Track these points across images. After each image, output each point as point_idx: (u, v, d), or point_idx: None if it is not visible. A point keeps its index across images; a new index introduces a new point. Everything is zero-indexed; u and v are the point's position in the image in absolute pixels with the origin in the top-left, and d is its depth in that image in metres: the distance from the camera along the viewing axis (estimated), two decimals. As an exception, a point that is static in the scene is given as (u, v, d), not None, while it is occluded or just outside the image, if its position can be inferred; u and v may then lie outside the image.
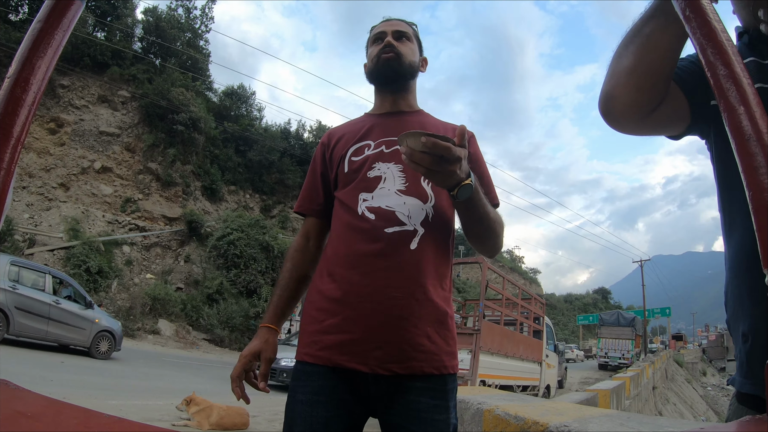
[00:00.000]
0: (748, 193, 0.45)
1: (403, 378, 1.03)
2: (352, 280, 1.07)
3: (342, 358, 1.03)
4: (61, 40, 0.49)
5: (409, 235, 1.09)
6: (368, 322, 1.03)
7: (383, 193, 1.13)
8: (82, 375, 6.79)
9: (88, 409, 0.37)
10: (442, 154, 0.87)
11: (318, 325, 1.09)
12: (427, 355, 1.05)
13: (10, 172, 0.45)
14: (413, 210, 1.11)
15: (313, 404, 1.04)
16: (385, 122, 1.25)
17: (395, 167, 1.15)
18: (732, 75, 0.47)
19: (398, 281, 1.05)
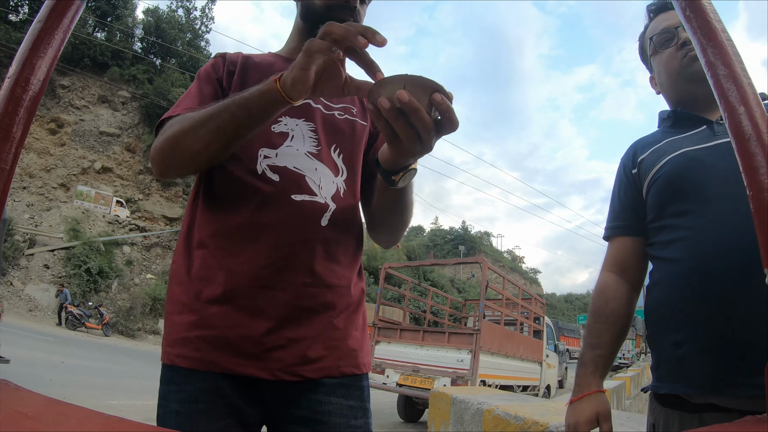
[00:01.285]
0: (748, 193, 0.45)
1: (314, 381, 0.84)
2: (244, 256, 0.82)
3: (232, 362, 0.79)
4: (61, 40, 0.49)
5: (320, 209, 0.87)
6: (270, 315, 0.81)
7: (290, 151, 0.89)
8: (82, 375, 6.79)
9: (88, 409, 0.37)
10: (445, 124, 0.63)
11: (194, 315, 0.82)
12: (343, 352, 0.87)
13: (10, 172, 0.45)
14: (324, 180, 0.90)
15: (191, 415, 0.79)
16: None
17: (305, 125, 0.92)
18: (732, 75, 0.47)
19: (307, 263, 0.84)
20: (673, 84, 1.07)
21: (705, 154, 0.93)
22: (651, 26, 1.11)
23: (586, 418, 0.94)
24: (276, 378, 0.80)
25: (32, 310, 14.51)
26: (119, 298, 16.40)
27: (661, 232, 0.98)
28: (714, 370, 0.83)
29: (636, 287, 1.07)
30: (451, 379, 6.64)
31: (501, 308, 8.86)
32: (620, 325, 1.04)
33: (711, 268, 0.84)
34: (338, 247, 0.89)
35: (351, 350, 0.89)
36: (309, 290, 0.84)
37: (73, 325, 13.19)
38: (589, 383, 0.99)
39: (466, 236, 61.47)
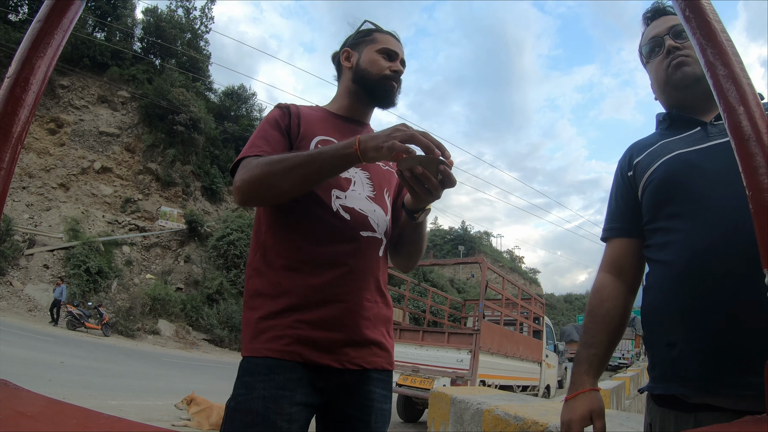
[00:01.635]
0: (748, 193, 0.45)
1: (366, 372, 1.09)
2: (325, 277, 1.05)
3: (314, 354, 1.03)
4: (61, 40, 0.49)
5: (378, 243, 1.14)
6: (343, 321, 1.06)
7: (355, 195, 1.13)
8: (82, 375, 6.79)
9: (88, 409, 0.37)
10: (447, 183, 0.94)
11: (282, 319, 1.04)
12: (384, 352, 1.14)
13: (10, 171, 0.45)
14: (380, 219, 1.16)
15: (278, 399, 0.99)
16: (348, 126, 1.23)
17: (362, 173, 1.17)
18: (732, 75, 0.47)
19: (368, 284, 1.10)
20: (663, 91, 1.09)
21: (698, 156, 0.94)
22: (644, 35, 1.13)
23: (579, 415, 0.96)
24: (344, 367, 1.05)
25: (32, 310, 14.49)
26: (119, 298, 16.39)
27: (655, 235, 0.99)
28: (707, 370, 0.84)
29: (632, 288, 1.10)
30: (450, 379, 6.64)
31: (500, 308, 8.86)
32: (615, 324, 1.06)
33: (702, 270, 0.86)
34: (383, 272, 1.17)
35: (388, 351, 1.15)
36: (368, 304, 1.10)
37: (72, 325, 13.16)
38: (583, 381, 1.00)
39: (466, 236, 61.46)
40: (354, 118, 1.26)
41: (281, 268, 1.07)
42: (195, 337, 16.90)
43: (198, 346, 16.19)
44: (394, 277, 9.38)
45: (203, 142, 22.88)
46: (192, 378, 8.93)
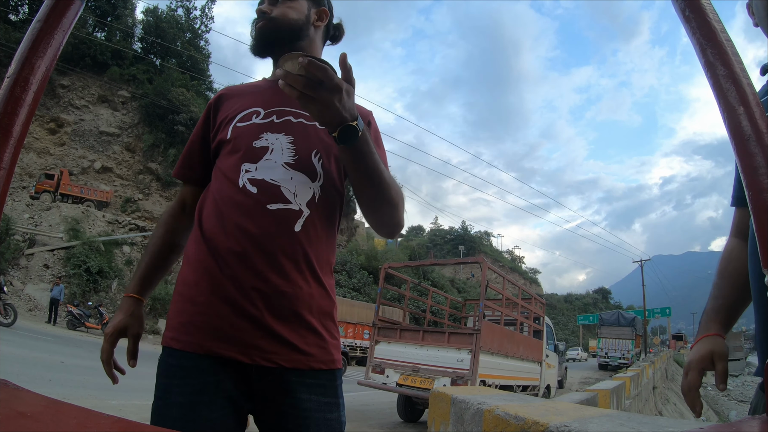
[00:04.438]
0: (747, 194, 0.45)
1: (290, 373, 0.93)
2: (221, 254, 0.93)
3: (217, 345, 0.90)
4: (61, 40, 0.49)
5: (294, 215, 0.96)
6: (249, 309, 0.90)
7: (269, 164, 1.00)
8: (82, 375, 6.79)
9: (88, 409, 0.37)
10: (319, 76, 0.77)
11: (189, 304, 0.94)
12: (315, 348, 0.96)
13: (10, 171, 0.45)
14: (300, 187, 0.99)
15: (195, 405, 0.88)
16: (276, 90, 1.05)
17: (285, 138, 1.03)
18: (732, 75, 0.47)
19: (280, 266, 0.93)
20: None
21: None
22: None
23: (700, 356, 0.98)
24: (254, 362, 0.90)
25: (32, 309, 14.50)
26: (119, 297, 16.38)
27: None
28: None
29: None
30: (451, 379, 6.64)
31: (501, 308, 8.86)
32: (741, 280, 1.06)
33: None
34: (312, 249, 0.97)
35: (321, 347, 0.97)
36: (282, 289, 0.92)
37: (72, 325, 13.17)
38: (708, 327, 1.03)
39: (466, 236, 61.43)
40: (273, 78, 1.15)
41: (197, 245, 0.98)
42: (195, 337, 16.91)
43: (198, 346, 16.19)
44: (393, 277, 9.37)
45: (203, 141, 22.87)
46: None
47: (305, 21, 1.15)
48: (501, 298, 9.10)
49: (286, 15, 1.12)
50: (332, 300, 1.02)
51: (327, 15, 1.21)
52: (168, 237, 1.13)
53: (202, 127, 1.13)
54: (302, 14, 1.14)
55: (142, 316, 1.08)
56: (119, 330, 1.04)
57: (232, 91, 1.16)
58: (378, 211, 1.02)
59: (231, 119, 1.07)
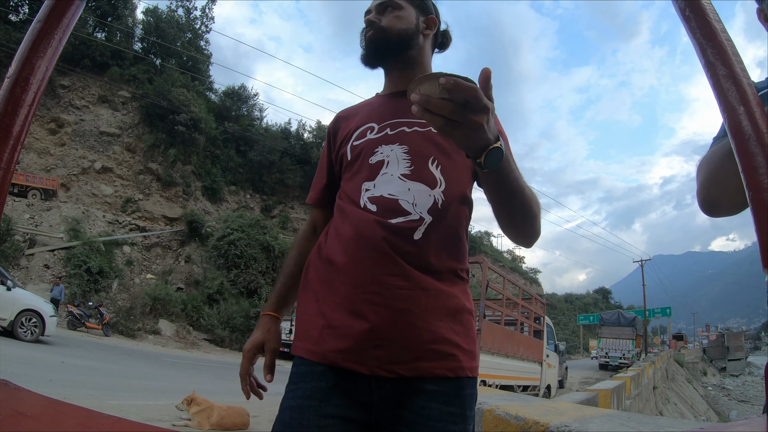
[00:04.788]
0: (748, 194, 0.45)
1: (411, 381, 0.90)
2: (348, 267, 0.95)
3: (337, 356, 0.90)
4: (61, 40, 0.49)
5: (415, 225, 0.96)
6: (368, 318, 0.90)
7: (385, 179, 1.01)
8: (82, 375, 6.79)
9: (88, 409, 0.37)
10: (465, 98, 0.69)
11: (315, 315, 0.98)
12: (438, 354, 0.91)
13: (10, 171, 0.45)
14: (419, 196, 0.98)
15: (303, 409, 0.90)
16: (390, 101, 1.12)
17: (399, 149, 1.02)
18: (732, 75, 0.47)
19: (402, 274, 0.92)
20: None
21: None
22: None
23: None
24: (372, 373, 0.89)
25: (32, 310, 14.50)
26: (119, 298, 16.39)
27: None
28: None
29: None
30: (451, 379, 6.61)
31: (501, 308, 8.86)
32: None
33: None
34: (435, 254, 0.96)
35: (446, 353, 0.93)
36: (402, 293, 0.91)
37: (73, 325, 13.18)
38: None
39: (466, 236, 61.14)
40: (396, 91, 1.15)
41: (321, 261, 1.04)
42: (195, 337, 16.91)
43: (198, 346, 16.20)
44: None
45: (204, 142, 22.90)
46: (192, 378, 8.93)
47: (415, 30, 1.15)
48: (501, 298, 9.10)
49: (395, 25, 1.12)
50: (462, 304, 0.99)
51: (435, 23, 1.20)
52: (300, 259, 1.16)
53: (326, 152, 1.17)
54: (411, 23, 1.14)
55: (279, 332, 1.11)
56: (257, 345, 1.07)
57: (347, 112, 1.19)
58: (520, 226, 0.98)
59: (348, 139, 1.10)
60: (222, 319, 17.35)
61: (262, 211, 25.35)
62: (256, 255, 19.65)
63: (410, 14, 1.15)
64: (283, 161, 26.15)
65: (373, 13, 1.14)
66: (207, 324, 17.16)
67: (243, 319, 17.56)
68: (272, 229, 21.45)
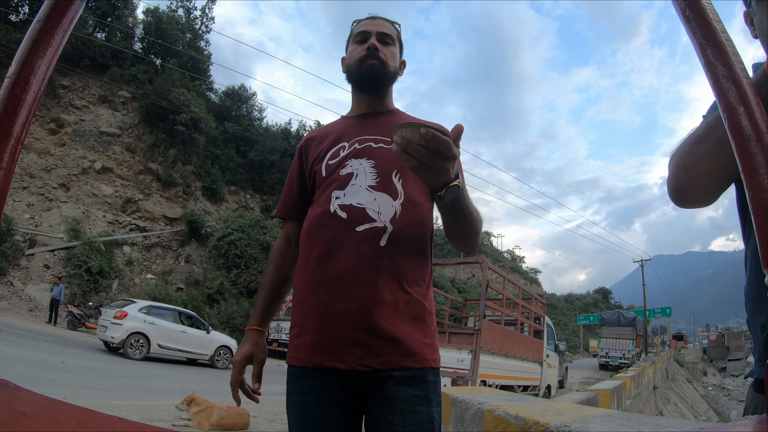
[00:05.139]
0: (748, 194, 0.45)
1: (382, 371, 1.04)
2: (319, 279, 1.08)
3: (320, 358, 1.05)
4: (61, 40, 0.49)
5: (379, 232, 1.08)
6: (340, 320, 1.04)
7: (354, 189, 1.13)
8: (82, 375, 6.79)
9: (88, 409, 0.37)
10: (439, 148, 0.81)
11: (298, 327, 1.11)
12: (403, 348, 1.05)
13: (10, 171, 0.45)
14: (383, 206, 1.11)
15: (304, 404, 1.06)
16: (360, 123, 1.25)
17: (367, 163, 1.16)
18: (732, 75, 0.47)
19: (367, 277, 1.05)
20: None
21: None
22: None
23: None
24: (351, 368, 1.03)
25: (32, 310, 14.50)
26: (119, 298, 16.37)
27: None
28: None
29: None
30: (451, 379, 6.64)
31: (501, 308, 8.85)
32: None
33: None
34: (398, 260, 1.08)
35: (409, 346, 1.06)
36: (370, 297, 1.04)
37: (73, 325, 13.17)
38: None
39: (467, 236, 61.05)
40: (366, 113, 1.28)
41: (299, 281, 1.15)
42: (195, 337, 16.90)
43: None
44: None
45: (204, 142, 22.90)
46: (192, 378, 8.93)
47: (397, 69, 1.29)
48: (501, 298, 9.10)
49: (391, 63, 1.25)
50: (422, 305, 1.11)
51: (405, 66, 1.35)
52: (278, 273, 1.26)
53: (297, 169, 1.27)
54: (397, 63, 1.28)
55: (265, 344, 1.23)
56: (246, 357, 1.19)
57: (317, 134, 1.29)
58: (465, 240, 1.14)
59: (322, 158, 1.20)
60: (222, 319, 17.35)
61: (262, 211, 25.35)
62: (256, 255, 19.65)
63: (397, 54, 1.29)
64: (283, 161, 26.15)
65: (374, 40, 1.23)
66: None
67: (243, 319, 17.55)
68: (272, 229, 21.43)
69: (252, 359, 1.19)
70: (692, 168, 0.89)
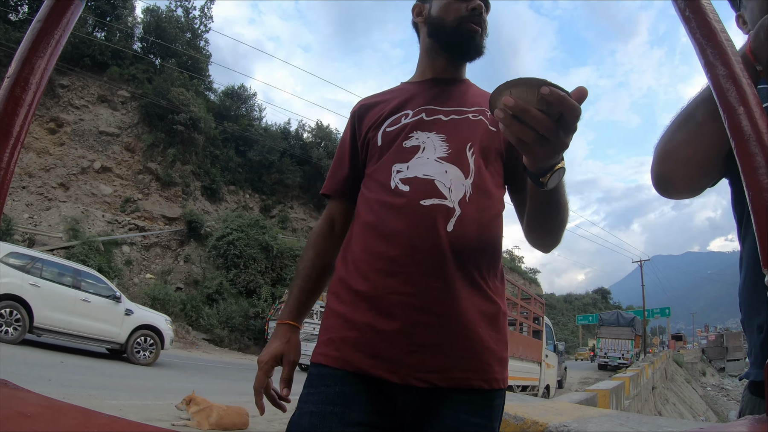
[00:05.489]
0: (748, 194, 0.45)
1: (441, 389, 0.83)
2: (378, 266, 0.87)
3: (365, 362, 0.84)
4: (61, 39, 0.49)
5: (447, 213, 0.87)
6: (399, 320, 0.83)
7: (420, 162, 0.93)
8: (82, 375, 6.79)
9: (88, 409, 0.37)
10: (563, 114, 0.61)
11: (339, 319, 0.90)
12: (474, 363, 0.85)
13: (10, 171, 0.45)
14: (455, 182, 0.90)
15: (326, 416, 0.83)
16: (429, 90, 1.04)
17: (436, 136, 0.95)
18: (732, 75, 0.47)
19: (436, 268, 0.84)
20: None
21: None
22: None
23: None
24: (404, 382, 0.82)
25: (31, 309, 14.48)
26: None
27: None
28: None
29: None
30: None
31: (500, 308, 8.87)
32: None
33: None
34: (471, 250, 0.88)
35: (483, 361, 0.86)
36: (440, 294, 0.84)
37: (72, 325, 13.11)
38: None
39: (466, 236, 61.02)
40: (435, 78, 1.07)
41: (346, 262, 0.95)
42: (195, 337, 16.89)
43: (198, 346, 16.18)
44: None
45: (203, 141, 22.89)
46: (192, 378, 8.92)
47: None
48: (501, 298, 9.11)
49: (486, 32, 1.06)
50: (499, 307, 0.92)
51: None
52: (318, 260, 1.07)
53: (350, 138, 1.08)
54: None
55: (298, 342, 1.02)
56: (275, 357, 0.98)
57: (374, 99, 1.10)
58: (550, 237, 0.95)
59: (379, 125, 1.02)
60: (221, 318, 17.35)
61: (261, 211, 25.34)
62: (256, 255, 19.64)
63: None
64: (283, 161, 26.13)
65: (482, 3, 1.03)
66: (206, 324, 17.15)
67: (242, 319, 17.56)
68: (271, 229, 21.43)
69: (282, 359, 0.99)
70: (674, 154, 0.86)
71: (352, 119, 1.08)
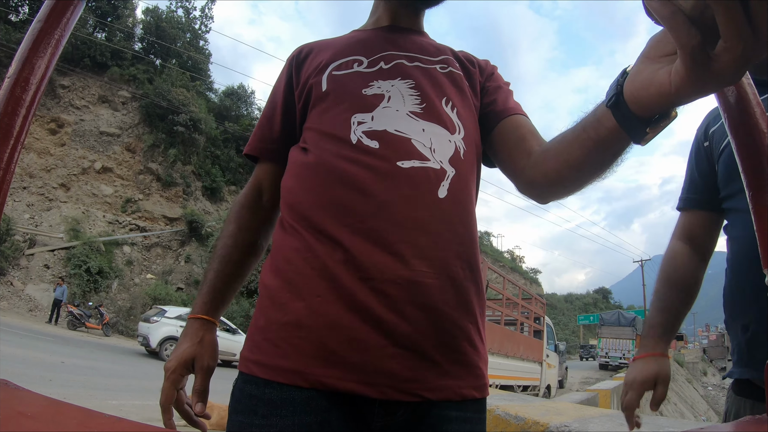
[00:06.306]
0: (748, 193, 0.45)
1: (432, 404, 0.63)
2: (345, 244, 0.63)
3: (326, 372, 0.59)
4: (61, 39, 0.49)
5: (436, 176, 0.67)
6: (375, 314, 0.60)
7: (388, 113, 0.71)
8: (82, 375, 6.79)
9: (88, 409, 0.37)
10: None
11: (280, 313, 0.63)
12: (466, 367, 0.66)
13: (10, 171, 0.45)
14: (437, 140, 0.70)
15: None
16: (383, 36, 0.84)
17: (402, 83, 0.75)
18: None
19: (427, 250, 0.63)
20: None
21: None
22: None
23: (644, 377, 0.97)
24: (384, 397, 0.60)
25: (32, 310, 14.51)
26: (119, 298, 16.39)
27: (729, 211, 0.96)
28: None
29: (704, 258, 1.08)
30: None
31: (501, 308, 8.86)
32: (689, 291, 1.05)
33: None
34: (461, 224, 0.69)
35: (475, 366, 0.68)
36: (431, 285, 0.62)
37: (73, 325, 13.18)
38: (655, 345, 1.02)
39: (466, 236, 61.00)
40: (393, 26, 0.86)
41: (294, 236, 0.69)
42: (195, 337, 16.91)
43: (198, 346, 16.20)
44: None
45: (204, 142, 22.90)
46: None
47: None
48: (501, 298, 9.10)
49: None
50: (483, 298, 0.73)
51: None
52: (242, 235, 0.83)
53: (284, 87, 0.83)
54: None
55: (215, 343, 0.79)
56: (185, 363, 0.75)
57: (318, 44, 0.87)
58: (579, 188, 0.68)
59: (323, 68, 0.78)
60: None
61: (262, 211, 25.34)
62: (256, 255, 19.66)
63: None
64: (283, 161, 26.13)
65: None
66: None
67: (243, 319, 17.56)
68: (272, 229, 21.44)
69: (194, 365, 0.77)
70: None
71: (289, 65, 0.84)
